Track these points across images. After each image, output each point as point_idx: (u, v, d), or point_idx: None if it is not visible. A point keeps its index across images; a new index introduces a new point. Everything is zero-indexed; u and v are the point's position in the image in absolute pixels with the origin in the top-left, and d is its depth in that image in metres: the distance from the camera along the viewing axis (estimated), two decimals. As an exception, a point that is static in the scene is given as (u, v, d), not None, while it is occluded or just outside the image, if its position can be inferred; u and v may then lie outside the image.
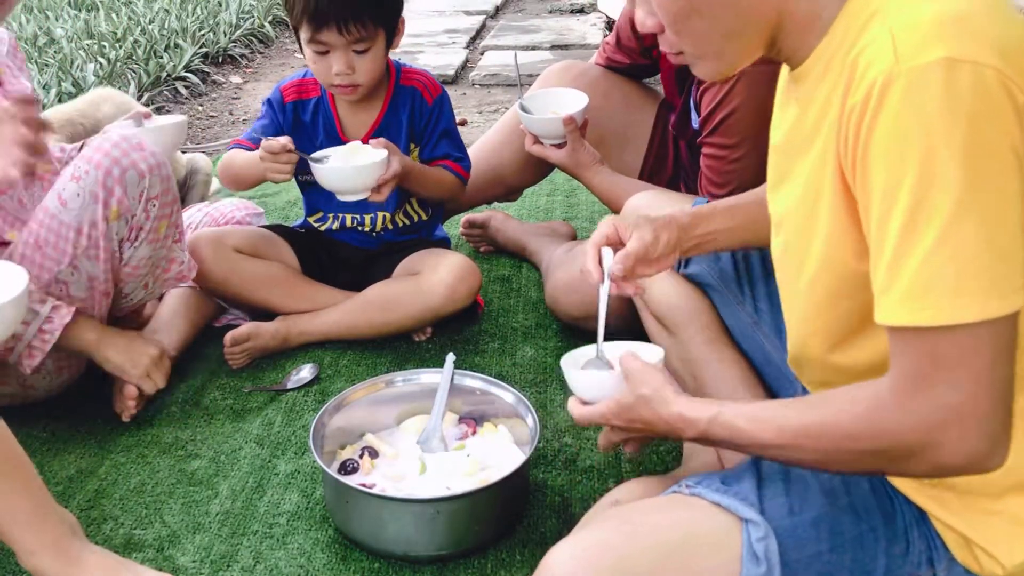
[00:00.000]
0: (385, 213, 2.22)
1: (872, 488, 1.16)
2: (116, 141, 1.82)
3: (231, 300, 2.21)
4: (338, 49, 2.00)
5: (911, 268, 0.92)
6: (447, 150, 2.21)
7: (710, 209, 1.46)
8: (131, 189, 1.81)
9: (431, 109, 2.18)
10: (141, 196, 1.82)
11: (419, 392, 1.77)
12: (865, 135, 0.94)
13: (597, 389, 1.28)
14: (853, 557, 1.12)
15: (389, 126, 2.17)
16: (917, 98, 0.90)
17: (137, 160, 1.81)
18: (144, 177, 1.82)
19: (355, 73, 2.03)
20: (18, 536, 1.38)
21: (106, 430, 1.91)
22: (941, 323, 0.91)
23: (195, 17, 5.18)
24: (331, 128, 2.18)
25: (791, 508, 1.13)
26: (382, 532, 1.52)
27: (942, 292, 0.90)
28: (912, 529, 1.13)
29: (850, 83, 0.97)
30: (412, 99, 2.17)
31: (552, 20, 5.72)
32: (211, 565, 1.54)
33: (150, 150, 1.84)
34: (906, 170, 0.91)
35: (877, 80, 0.92)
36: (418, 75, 2.21)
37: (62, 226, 1.79)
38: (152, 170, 1.83)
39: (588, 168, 2.05)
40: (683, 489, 1.18)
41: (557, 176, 2.68)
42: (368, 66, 2.04)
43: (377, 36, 2.02)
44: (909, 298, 0.92)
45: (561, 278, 2.12)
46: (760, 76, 1.75)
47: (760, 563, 1.08)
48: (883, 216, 0.94)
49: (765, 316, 1.57)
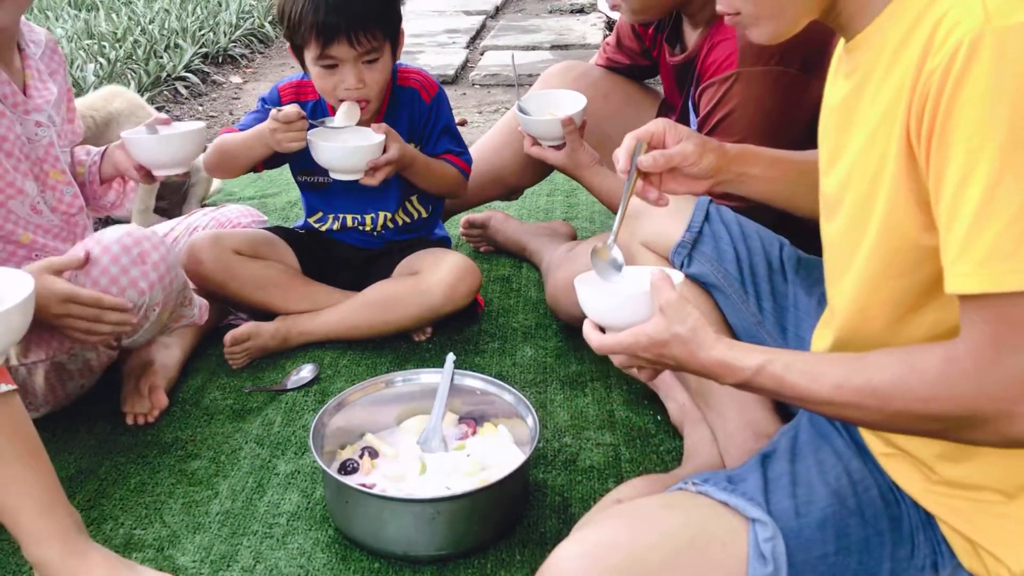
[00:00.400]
0: (385, 212, 2.22)
1: (879, 491, 1.16)
2: (116, 255, 1.74)
3: (231, 301, 2.20)
4: (347, 63, 1.98)
5: (994, 231, 0.89)
6: (448, 146, 2.21)
7: (756, 152, 1.44)
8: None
9: (429, 107, 2.18)
10: (142, 308, 1.78)
11: (419, 392, 1.77)
12: (949, 97, 0.91)
13: (621, 313, 1.18)
14: (859, 560, 1.12)
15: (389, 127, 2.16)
16: (1009, 58, 0.87)
17: (137, 278, 1.75)
18: (144, 294, 1.76)
19: (365, 87, 2.01)
20: (27, 523, 1.38)
21: (106, 430, 1.91)
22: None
23: (195, 17, 5.18)
24: None
25: (797, 510, 1.13)
26: (382, 532, 1.52)
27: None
28: (918, 533, 1.13)
29: (929, 46, 0.94)
30: (411, 99, 2.17)
31: (552, 20, 5.72)
32: (211, 565, 1.54)
33: (153, 261, 1.77)
34: (993, 132, 0.88)
35: (964, 40, 0.89)
36: (414, 74, 2.20)
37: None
38: (152, 286, 1.77)
39: (587, 169, 2.05)
40: (689, 487, 1.17)
41: (557, 176, 2.68)
42: (378, 77, 2.02)
43: (385, 46, 2.01)
44: (991, 262, 0.89)
45: (561, 278, 2.12)
46: (759, 77, 1.75)
47: (767, 563, 1.08)
48: (963, 180, 0.91)
49: (768, 315, 1.56)
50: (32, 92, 1.84)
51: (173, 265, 1.83)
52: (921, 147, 0.96)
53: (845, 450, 1.21)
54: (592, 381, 2.02)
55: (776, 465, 1.20)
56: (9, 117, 1.76)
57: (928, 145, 0.95)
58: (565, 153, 2.04)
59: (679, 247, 1.59)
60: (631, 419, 1.88)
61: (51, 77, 1.91)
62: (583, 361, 2.10)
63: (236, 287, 2.15)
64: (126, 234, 1.77)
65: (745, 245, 1.58)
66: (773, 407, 1.57)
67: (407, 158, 2.06)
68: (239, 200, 3.07)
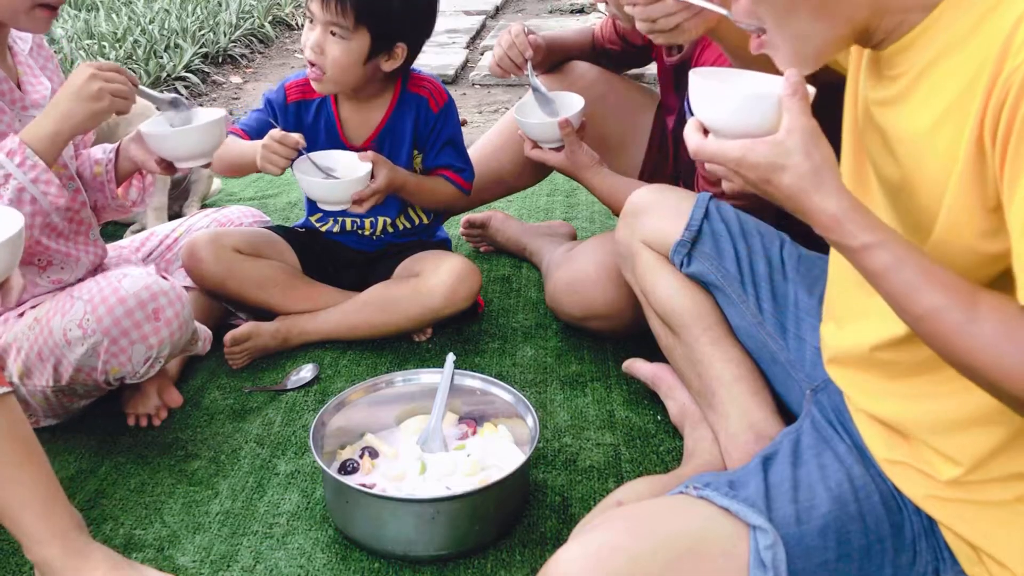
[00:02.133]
0: (385, 218, 2.22)
1: (881, 497, 1.15)
2: (131, 308, 1.71)
3: (231, 300, 2.20)
4: (318, 24, 1.98)
5: None
6: (450, 160, 2.20)
7: None
8: (136, 359, 1.74)
9: (436, 117, 2.17)
10: (147, 361, 1.76)
11: (419, 392, 1.77)
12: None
13: (741, 116, 1.00)
14: (860, 566, 1.11)
15: (393, 131, 2.16)
16: None
17: (148, 334, 1.72)
18: (152, 349, 1.74)
19: (323, 55, 1.99)
20: (28, 524, 1.37)
21: (106, 430, 1.90)
22: None
23: (195, 17, 5.18)
24: (332, 130, 2.16)
25: (799, 516, 1.12)
26: (382, 532, 1.52)
27: None
28: (920, 539, 1.13)
29: (1009, 45, 0.90)
30: (418, 106, 2.16)
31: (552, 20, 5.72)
32: (211, 565, 1.54)
33: (166, 318, 1.74)
34: None
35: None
36: (426, 82, 2.19)
37: (56, 346, 1.71)
38: (162, 343, 1.74)
39: (587, 170, 2.05)
40: (691, 491, 1.16)
41: (557, 176, 2.68)
42: (337, 55, 1.99)
43: (357, 33, 1.97)
44: None
45: (561, 278, 2.12)
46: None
47: (767, 571, 1.07)
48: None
49: (769, 316, 1.56)
50: (27, 88, 1.82)
51: (187, 320, 1.80)
52: (996, 149, 0.91)
53: (847, 455, 1.21)
54: (592, 381, 2.02)
55: (778, 469, 1.19)
56: (9, 114, 1.75)
57: (1004, 148, 0.90)
58: (565, 155, 2.04)
59: (679, 245, 1.59)
60: (631, 419, 1.88)
61: (42, 72, 1.90)
62: (583, 361, 2.10)
63: (236, 286, 2.14)
64: (145, 287, 1.73)
65: (745, 243, 1.58)
66: (775, 408, 1.57)
67: (396, 183, 2.06)
68: (239, 200, 3.07)
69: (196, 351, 1.99)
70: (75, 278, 1.88)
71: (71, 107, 1.65)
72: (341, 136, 2.17)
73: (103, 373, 1.74)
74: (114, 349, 1.71)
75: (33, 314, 1.77)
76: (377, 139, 2.15)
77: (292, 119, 2.17)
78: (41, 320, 1.74)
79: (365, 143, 2.15)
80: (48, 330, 1.72)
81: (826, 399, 1.32)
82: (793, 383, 1.52)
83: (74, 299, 1.73)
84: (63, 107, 1.65)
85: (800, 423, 1.31)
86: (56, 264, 1.85)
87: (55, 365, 1.73)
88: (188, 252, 2.11)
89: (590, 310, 2.06)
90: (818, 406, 1.32)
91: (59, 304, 1.75)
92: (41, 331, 1.73)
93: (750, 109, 1.00)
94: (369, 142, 2.15)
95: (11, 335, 1.77)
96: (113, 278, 1.75)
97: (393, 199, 2.18)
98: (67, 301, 1.74)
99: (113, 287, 1.73)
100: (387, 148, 2.15)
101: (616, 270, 1.88)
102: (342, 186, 1.99)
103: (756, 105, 1.00)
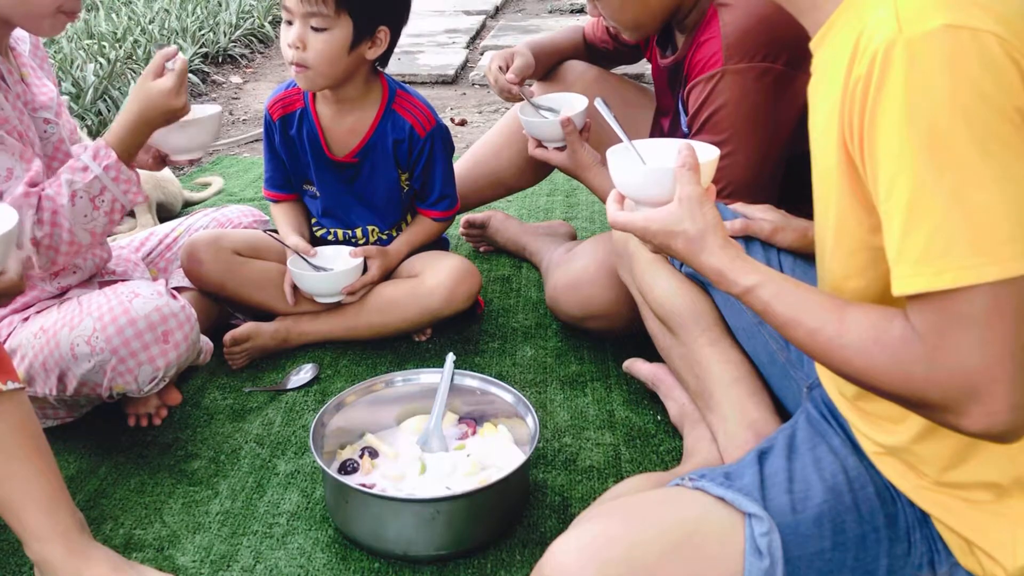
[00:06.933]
0: (374, 227, 2.23)
1: (875, 488, 1.16)
2: (141, 331, 1.70)
3: (230, 301, 2.20)
4: (296, 19, 1.96)
5: (925, 232, 0.90)
6: (435, 187, 2.19)
7: None
8: (142, 378, 1.73)
9: (423, 142, 2.13)
10: (152, 380, 1.75)
11: (419, 392, 1.77)
12: (872, 105, 0.94)
13: (643, 188, 1.22)
14: (855, 556, 1.12)
15: (375, 148, 2.14)
16: (919, 65, 0.90)
17: (156, 356, 1.72)
18: (159, 370, 1.74)
19: (306, 50, 1.96)
20: (30, 521, 1.37)
21: (106, 430, 1.91)
22: (961, 284, 0.89)
23: (195, 17, 5.18)
24: (316, 143, 2.15)
25: (794, 506, 1.13)
26: (382, 532, 1.52)
27: (960, 253, 0.89)
28: (914, 531, 1.13)
29: (855, 55, 0.96)
30: (402, 129, 2.12)
31: (552, 20, 5.72)
32: (211, 565, 1.54)
33: (175, 341, 1.74)
34: (911, 138, 0.90)
35: (879, 50, 0.92)
36: (414, 106, 2.14)
37: (62, 359, 1.71)
38: (169, 364, 1.74)
39: (589, 169, 2.05)
40: (686, 483, 1.17)
41: (557, 176, 2.68)
42: (321, 48, 1.96)
43: (339, 21, 1.95)
44: (925, 262, 0.91)
45: (561, 278, 2.12)
46: (744, 73, 1.75)
47: (763, 558, 1.08)
48: (891, 183, 0.93)
49: (766, 318, 1.56)
50: (34, 89, 1.82)
51: (195, 342, 1.80)
52: (856, 152, 0.99)
53: (841, 448, 1.21)
54: (592, 381, 2.02)
55: (773, 461, 1.20)
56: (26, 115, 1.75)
57: (861, 150, 0.98)
58: (566, 154, 2.05)
59: (678, 246, 1.60)
60: (631, 419, 1.88)
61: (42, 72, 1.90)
62: (583, 361, 2.10)
63: (235, 287, 2.14)
64: (155, 309, 1.72)
65: (744, 243, 1.58)
66: (773, 409, 1.57)
67: (392, 266, 2.17)
68: (239, 200, 3.07)
69: (197, 363, 1.99)
70: (79, 280, 1.88)
71: (151, 113, 1.74)
72: (325, 149, 2.15)
73: (107, 389, 1.74)
74: (121, 368, 1.71)
75: (39, 322, 1.76)
76: (360, 153, 2.14)
77: (280, 136, 2.18)
78: (48, 330, 1.73)
79: (348, 156, 2.14)
80: (55, 342, 1.71)
81: (821, 395, 1.33)
82: (791, 383, 1.52)
83: (83, 313, 1.72)
84: (140, 109, 1.73)
85: (795, 419, 1.32)
86: (68, 269, 1.86)
87: (60, 376, 1.73)
88: (187, 254, 2.11)
89: (590, 310, 2.06)
90: (813, 402, 1.33)
91: (67, 316, 1.74)
92: (48, 341, 1.72)
93: (653, 180, 1.22)
94: (352, 156, 2.14)
95: (16, 340, 1.77)
96: (124, 296, 1.74)
97: (389, 212, 2.22)
98: (75, 314, 1.73)
99: (124, 306, 1.71)
100: (369, 163, 2.15)
101: (616, 270, 1.88)
102: (334, 279, 2.09)
103: (657, 177, 1.22)
